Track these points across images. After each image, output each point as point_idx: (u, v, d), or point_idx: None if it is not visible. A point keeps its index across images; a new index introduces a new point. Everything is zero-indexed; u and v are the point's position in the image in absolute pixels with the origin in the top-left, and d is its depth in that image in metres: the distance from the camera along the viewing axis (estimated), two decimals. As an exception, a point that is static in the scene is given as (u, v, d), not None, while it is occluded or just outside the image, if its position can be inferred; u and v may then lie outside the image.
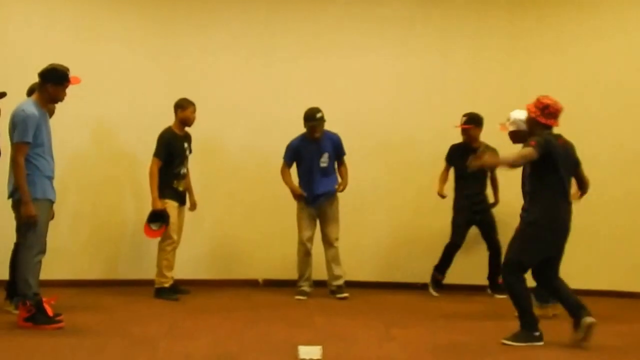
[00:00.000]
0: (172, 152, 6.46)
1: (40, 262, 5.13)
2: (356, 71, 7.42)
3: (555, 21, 7.30)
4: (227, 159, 7.36)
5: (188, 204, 6.78)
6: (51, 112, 5.51)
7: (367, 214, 7.30)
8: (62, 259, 6.68)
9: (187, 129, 6.67)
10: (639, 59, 7.09)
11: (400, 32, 7.45)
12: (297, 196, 6.70)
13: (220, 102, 7.25)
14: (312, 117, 6.58)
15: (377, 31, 7.46)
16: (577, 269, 7.00)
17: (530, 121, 5.01)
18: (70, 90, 5.26)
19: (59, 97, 5.22)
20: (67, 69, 5.20)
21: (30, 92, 5.52)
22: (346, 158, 6.85)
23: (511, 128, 5.68)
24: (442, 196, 6.86)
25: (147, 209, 6.47)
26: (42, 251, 5.13)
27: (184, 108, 6.53)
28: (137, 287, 6.77)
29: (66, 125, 6.39)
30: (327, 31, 7.44)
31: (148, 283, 6.63)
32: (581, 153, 6.61)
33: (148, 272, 6.67)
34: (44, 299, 5.12)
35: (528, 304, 4.93)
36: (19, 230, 5.15)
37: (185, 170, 6.60)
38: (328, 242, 6.72)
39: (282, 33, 7.41)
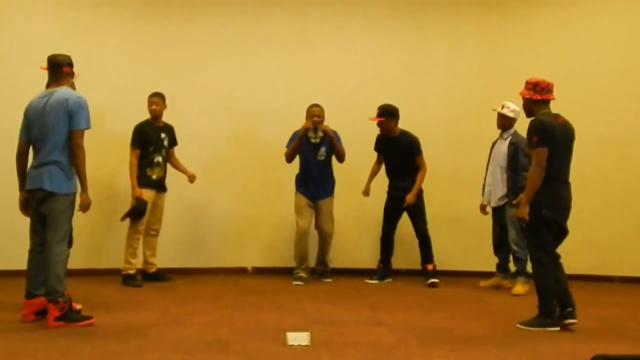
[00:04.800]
0: (146, 141, 6.59)
1: (68, 255, 5.05)
2: (340, 63, 7.58)
3: (524, 14, 7.54)
4: (216, 148, 7.43)
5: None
6: None
7: (351, 201, 7.38)
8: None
9: (168, 121, 6.81)
10: (606, 47, 7.29)
11: (381, 27, 7.63)
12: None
13: (209, 91, 7.37)
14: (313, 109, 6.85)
15: (359, 26, 7.63)
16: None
17: (528, 103, 5.08)
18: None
19: None
20: None
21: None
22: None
23: (511, 115, 6.45)
24: (367, 194, 7.04)
25: (130, 199, 6.57)
26: (71, 244, 5.09)
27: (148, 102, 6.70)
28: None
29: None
30: (313, 26, 7.59)
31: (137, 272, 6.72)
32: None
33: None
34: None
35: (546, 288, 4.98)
36: (52, 223, 4.89)
37: (160, 159, 6.69)
38: (322, 236, 6.94)
39: (270, 26, 7.52)
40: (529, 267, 6.50)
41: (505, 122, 6.58)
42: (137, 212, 6.54)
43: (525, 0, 7.53)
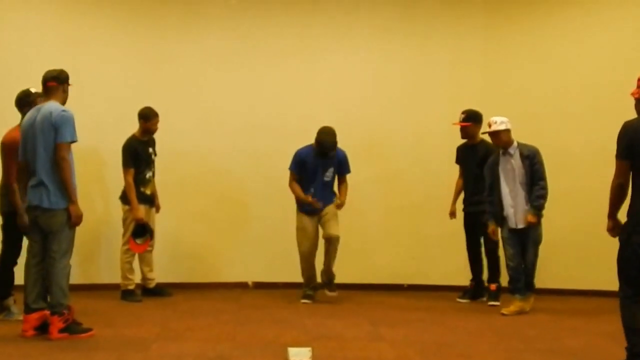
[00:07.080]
0: (137, 158, 6.56)
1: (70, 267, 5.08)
2: (342, 75, 7.59)
3: (528, 27, 7.55)
4: (216, 162, 7.44)
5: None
6: None
7: (353, 216, 7.38)
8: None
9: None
10: (608, 57, 7.28)
11: (383, 39, 7.66)
12: (310, 203, 6.57)
13: (208, 105, 7.41)
14: (327, 147, 6.51)
15: (361, 39, 7.66)
16: (557, 268, 7.14)
17: (639, 105, 4.31)
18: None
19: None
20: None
21: (18, 101, 5.47)
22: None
23: (502, 127, 6.17)
24: (454, 215, 6.84)
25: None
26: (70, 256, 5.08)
27: (147, 119, 6.63)
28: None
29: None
30: (313, 39, 7.62)
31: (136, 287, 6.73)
32: (556, 148, 6.74)
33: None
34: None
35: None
36: (54, 238, 4.93)
37: (151, 174, 6.69)
38: (329, 241, 6.62)
39: (268, 40, 7.55)
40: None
41: (502, 138, 6.20)
42: (151, 232, 6.57)
43: (529, 13, 7.54)
